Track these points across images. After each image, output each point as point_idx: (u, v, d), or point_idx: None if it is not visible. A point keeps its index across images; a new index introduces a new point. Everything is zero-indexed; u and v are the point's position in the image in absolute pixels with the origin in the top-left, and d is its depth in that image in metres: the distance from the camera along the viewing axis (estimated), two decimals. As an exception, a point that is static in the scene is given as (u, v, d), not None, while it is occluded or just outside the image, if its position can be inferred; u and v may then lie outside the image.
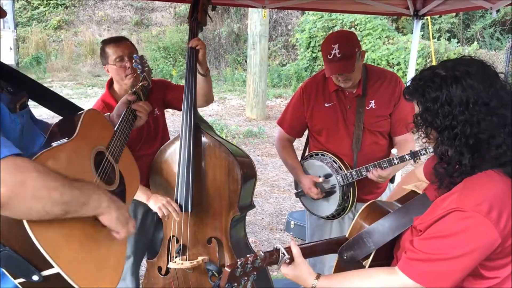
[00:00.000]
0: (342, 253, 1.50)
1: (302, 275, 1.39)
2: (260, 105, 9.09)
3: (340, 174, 2.37)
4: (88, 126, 1.42)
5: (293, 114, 2.58)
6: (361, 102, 2.39)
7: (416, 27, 3.59)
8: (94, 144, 1.42)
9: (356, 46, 2.30)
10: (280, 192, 5.49)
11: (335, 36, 2.35)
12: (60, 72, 12.91)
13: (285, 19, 13.79)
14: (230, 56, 13.51)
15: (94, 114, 1.52)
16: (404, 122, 2.40)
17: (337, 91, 2.42)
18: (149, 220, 2.47)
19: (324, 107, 2.45)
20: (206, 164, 2.22)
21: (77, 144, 1.32)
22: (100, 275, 1.28)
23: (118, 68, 2.26)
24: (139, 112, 1.81)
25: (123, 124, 1.66)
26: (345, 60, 2.23)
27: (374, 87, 2.41)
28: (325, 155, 2.45)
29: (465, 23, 12.08)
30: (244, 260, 1.27)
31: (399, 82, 2.43)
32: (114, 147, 1.51)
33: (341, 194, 2.38)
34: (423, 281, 1.24)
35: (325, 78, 2.46)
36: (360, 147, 2.38)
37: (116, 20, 15.08)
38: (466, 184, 1.25)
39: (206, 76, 2.33)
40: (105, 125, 1.56)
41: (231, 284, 1.27)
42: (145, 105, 1.84)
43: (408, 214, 1.40)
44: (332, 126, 2.44)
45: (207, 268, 1.38)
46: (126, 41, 2.34)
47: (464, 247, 1.19)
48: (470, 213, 1.18)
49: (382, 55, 10.31)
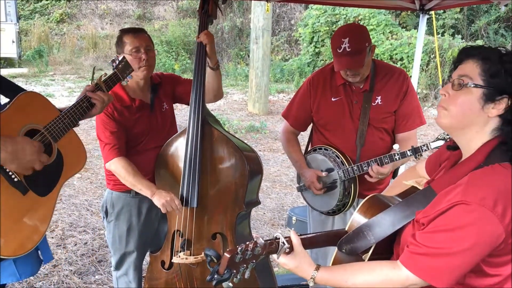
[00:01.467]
0: (341, 246, 1.48)
1: (301, 265, 1.37)
2: (263, 100, 9.07)
3: (342, 169, 2.35)
4: (22, 105, 1.57)
5: (299, 106, 2.56)
6: (367, 98, 2.36)
7: (421, 21, 3.56)
8: (27, 121, 1.57)
9: (367, 41, 2.26)
10: (281, 188, 5.48)
11: (346, 29, 2.31)
12: (62, 65, 12.91)
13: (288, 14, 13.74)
14: (232, 51, 13.48)
15: (33, 95, 1.65)
16: (408, 118, 2.38)
17: (344, 85, 2.39)
18: (153, 215, 2.47)
19: (331, 101, 2.42)
20: (213, 159, 2.21)
21: (3, 117, 1.48)
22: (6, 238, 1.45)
23: (133, 58, 2.25)
24: (94, 99, 1.82)
25: (72, 109, 1.75)
26: (355, 55, 2.19)
27: (382, 83, 2.38)
28: (328, 149, 2.43)
29: (469, 19, 12.01)
30: (244, 247, 1.25)
31: (407, 79, 2.40)
32: (54, 126, 1.64)
33: (342, 190, 2.37)
34: (426, 275, 1.23)
35: (332, 71, 2.43)
36: (363, 142, 2.36)
37: (118, 14, 15.06)
38: (471, 177, 1.23)
39: (215, 70, 2.33)
40: (47, 107, 1.69)
41: (230, 270, 1.24)
42: (103, 95, 1.85)
43: (409, 208, 1.38)
44: (338, 121, 2.42)
45: (206, 253, 1.36)
46: (144, 33, 2.35)
47: (469, 241, 1.17)
48: (475, 207, 1.16)
49: (385, 50, 10.27)
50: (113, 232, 2.44)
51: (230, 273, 1.24)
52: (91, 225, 4.18)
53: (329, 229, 2.58)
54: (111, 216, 2.42)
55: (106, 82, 1.94)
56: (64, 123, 1.68)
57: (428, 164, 1.63)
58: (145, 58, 2.26)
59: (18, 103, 1.55)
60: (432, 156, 1.65)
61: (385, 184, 2.53)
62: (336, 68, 2.29)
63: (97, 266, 3.51)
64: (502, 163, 1.23)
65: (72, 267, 3.45)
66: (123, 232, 2.42)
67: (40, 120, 1.61)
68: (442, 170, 1.44)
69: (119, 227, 2.41)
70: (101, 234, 3.97)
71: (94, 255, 3.66)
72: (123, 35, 2.32)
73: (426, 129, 8.19)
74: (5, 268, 1.54)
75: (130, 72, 2.07)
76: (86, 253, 3.69)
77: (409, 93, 2.39)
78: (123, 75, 2.02)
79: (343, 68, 2.26)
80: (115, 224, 2.42)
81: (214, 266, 1.28)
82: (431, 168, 1.60)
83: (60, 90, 10.27)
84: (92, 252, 3.71)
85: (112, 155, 2.21)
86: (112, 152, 2.22)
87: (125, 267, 2.49)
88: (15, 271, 1.58)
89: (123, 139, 2.27)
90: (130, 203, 2.40)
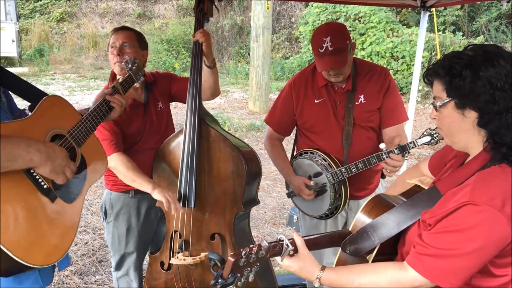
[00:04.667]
0: (345, 247, 1.46)
1: (306, 266, 1.35)
2: (263, 98, 9.04)
3: (330, 172, 2.30)
4: (47, 110, 1.52)
5: (281, 111, 2.50)
6: (350, 97, 2.32)
7: (423, 19, 3.54)
8: (51, 126, 1.52)
9: (347, 39, 2.23)
10: (282, 186, 5.46)
11: (326, 28, 2.27)
12: (62, 64, 12.90)
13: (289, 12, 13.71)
14: (233, 49, 13.46)
15: (56, 100, 1.61)
16: (393, 112, 2.35)
17: (327, 86, 2.35)
18: (152, 215, 2.45)
19: (314, 103, 2.37)
20: (210, 159, 2.18)
21: (29, 123, 1.44)
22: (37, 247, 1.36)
23: (110, 54, 2.31)
24: (113, 103, 1.83)
25: (92, 113, 1.73)
26: (338, 54, 2.16)
27: (363, 82, 2.34)
28: (314, 153, 2.37)
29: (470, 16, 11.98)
30: (248, 250, 1.23)
31: (388, 76, 2.37)
32: (76, 131, 1.61)
33: (332, 193, 2.33)
34: (433, 276, 1.21)
35: (313, 73, 2.39)
36: (350, 143, 2.32)
37: (118, 12, 15.04)
38: (479, 177, 1.21)
39: (212, 68, 2.31)
40: (70, 112, 1.65)
41: (234, 274, 1.23)
42: (121, 98, 1.86)
43: (414, 208, 1.36)
44: (323, 123, 2.37)
45: (209, 257, 1.34)
46: (126, 31, 2.34)
47: (477, 242, 1.15)
48: (484, 207, 1.14)
49: (386, 48, 10.23)
50: (113, 232, 2.42)
51: (234, 277, 1.23)
52: (92, 225, 4.16)
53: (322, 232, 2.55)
54: (110, 216, 2.40)
55: (122, 84, 1.94)
56: (86, 128, 1.65)
57: (432, 162, 1.61)
58: (117, 54, 2.26)
59: (43, 108, 1.50)
60: (436, 154, 1.63)
61: (374, 183, 2.50)
62: (319, 68, 2.24)
63: (98, 266, 3.49)
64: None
65: (72, 267, 3.43)
66: (122, 233, 2.40)
67: (63, 125, 1.58)
68: (448, 170, 1.42)
69: (118, 227, 2.39)
70: (102, 234, 3.95)
71: (95, 255, 3.65)
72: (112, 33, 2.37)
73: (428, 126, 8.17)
74: (29, 275, 1.49)
75: (143, 74, 2.11)
76: (87, 253, 3.67)
77: (391, 89, 2.35)
78: (136, 76, 2.04)
79: (327, 68, 2.21)
80: (115, 224, 2.40)
81: (218, 270, 1.26)
82: (435, 166, 1.58)
83: (60, 89, 10.27)
84: (92, 252, 3.69)
85: (111, 150, 2.19)
86: (111, 148, 2.19)
87: (125, 268, 2.47)
88: (38, 278, 1.53)
89: (120, 135, 2.25)
90: (129, 203, 2.38)
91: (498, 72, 1.18)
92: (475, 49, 1.24)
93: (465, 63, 1.21)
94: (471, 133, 1.25)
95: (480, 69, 1.19)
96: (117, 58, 2.26)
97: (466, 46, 1.29)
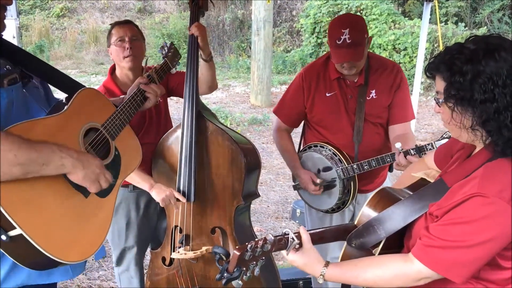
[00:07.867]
0: (350, 241, 1.45)
1: (310, 262, 1.34)
2: (265, 92, 9.01)
3: (341, 168, 2.28)
4: (82, 103, 1.49)
5: (291, 102, 2.46)
6: (362, 92, 2.29)
7: (425, 10, 3.50)
8: (86, 120, 1.49)
9: (366, 32, 2.21)
10: (285, 180, 5.44)
11: (345, 20, 2.24)
12: (63, 60, 12.86)
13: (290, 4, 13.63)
14: (234, 43, 13.40)
15: (91, 92, 1.57)
16: (402, 109, 2.32)
17: (339, 79, 2.32)
18: (152, 209, 2.44)
19: (325, 96, 2.34)
20: (209, 153, 2.17)
21: (64, 118, 1.41)
22: (72, 244, 1.34)
23: (118, 48, 2.25)
24: (148, 93, 1.79)
25: (127, 104, 1.69)
26: (355, 47, 2.12)
27: (375, 76, 2.31)
28: (324, 146, 2.35)
29: (472, 7, 11.88)
30: (254, 244, 1.22)
31: (400, 72, 2.35)
32: (110, 124, 1.57)
33: (341, 188, 2.30)
34: (440, 268, 1.19)
35: (325, 65, 2.36)
36: (361, 138, 2.30)
37: (119, 7, 14.98)
38: (487, 169, 1.19)
39: (209, 61, 2.28)
40: (105, 104, 1.62)
41: (240, 268, 1.21)
42: (155, 87, 1.82)
43: (421, 201, 1.34)
44: (334, 117, 2.34)
45: (214, 251, 1.33)
46: (130, 24, 2.33)
47: (486, 234, 1.14)
48: (493, 199, 1.13)
49: (388, 40, 10.16)
50: (112, 227, 2.39)
51: (240, 271, 1.21)
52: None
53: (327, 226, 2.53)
54: (110, 211, 2.39)
55: (158, 73, 1.90)
56: (120, 119, 1.62)
57: (438, 155, 1.59)
58: (129, 47, 2.23)
59: (78, 101, 1.48)
60: (441, 147, 1.61)
61: (383, 177, 2.48)
62: (335, 60, 2.21)
63: (101, 261, 3.49)
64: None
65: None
66: (122, 227, 2.40)
67: (98, 117, 1.54)
68: (455, 162, 1.40)
69: (117, 222, 2.39)
70: (105, 230, 3.95)
71: (98, 250, 3.64)
72: (111, 28, 2.33)
73: (430, 118, 8.13)
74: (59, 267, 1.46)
75: (179, 59, 2.03)
76: (90, 248, 3.67)
77: (402, 85, 2.33)
78: (172, 63, 1.99)
79: (344, 61, 2.17)
80: (114, 219, 2.36)
81: (223, 264, 1.25)
82: (441, 159, 1.56)
83: (61, 85, 10.23)
84: (95, 247, 3.69)
85: None
86: None
87: (126, 263, 2.47)
88: (68, 268, 1.52)
89: None
90: (128, 197, 2.37)
91: (500, 66, 1.15)
92: (477, 42, 1.21)
93: (466, 58, 1.18)
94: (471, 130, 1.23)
95: (481, 64, 1.16)
96: (129, 51, 2.23)
97: (468, 38, 1.25)
